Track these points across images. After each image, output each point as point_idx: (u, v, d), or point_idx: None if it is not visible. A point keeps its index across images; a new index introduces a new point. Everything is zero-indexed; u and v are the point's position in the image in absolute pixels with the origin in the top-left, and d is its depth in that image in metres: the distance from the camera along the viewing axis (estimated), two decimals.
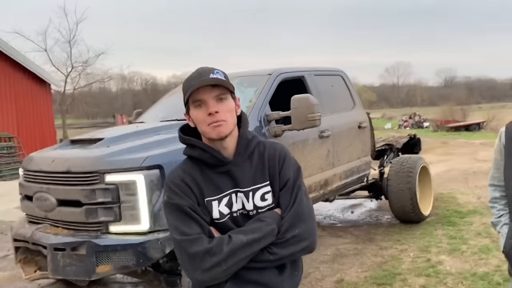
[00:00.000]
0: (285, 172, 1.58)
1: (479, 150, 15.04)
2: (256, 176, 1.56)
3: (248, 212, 1.56)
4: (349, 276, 4.16)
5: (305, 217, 1.54)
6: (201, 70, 1.54)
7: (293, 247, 1.51)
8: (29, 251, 3.30)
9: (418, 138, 7.00)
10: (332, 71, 5.37)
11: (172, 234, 1.52)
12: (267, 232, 1.49)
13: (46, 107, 15.29)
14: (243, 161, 1.57)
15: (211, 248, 1.45)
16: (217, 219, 1.54)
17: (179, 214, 1.50)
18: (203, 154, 1.54)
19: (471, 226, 5.48)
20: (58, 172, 3.16)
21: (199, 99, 1.51)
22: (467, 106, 35.45)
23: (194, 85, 1.48)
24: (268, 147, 1.62)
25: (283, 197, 1.56)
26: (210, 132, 1.51)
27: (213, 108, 1.49)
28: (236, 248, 1.45)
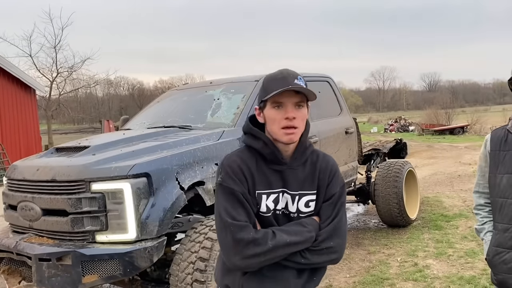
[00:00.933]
0: (332, 186, 1.65)
1: (464, 153, 15.26)
2: (306, 183, 1.63)
3: (290, 213, 1.63)
4: (337, 281, 4.17)
5: (341, 233, 1.62)
6: (286, 74, 1.59)
7: (324, 257, 1.59)
8: (13, 262, 3.24)
9: (404, 143, 7.07)
10: (319, 77, 5.39)
11: (219, 215, 1.55)
12: (307, 238, 1.56)
13: (31, 113, 15.08)
14: (297, 166, 1.63)
15: (257, 239, 1.50)
16: (263, 213, 1.59)
17: (231, 197, 1.55)
18: (264, 148, 1.61)
19: (457, 230, 5.55)
20: (43, 181, 3.11)
21: (280, 101, 1.56)
22: (451, 110, 35.96)
23: (278, 89, 1.53)
24: (321, 158, 1.69)
25: (326, 209, 1.63)
26: (282, 136, 1.57)
27: (292, 114, 1.56)
28: (278, 245, 1.52)
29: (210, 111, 4.21)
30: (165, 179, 3.03)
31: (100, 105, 66.19)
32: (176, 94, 4.98)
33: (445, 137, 25.54)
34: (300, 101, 1.57)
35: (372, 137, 23.99)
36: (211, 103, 4.30)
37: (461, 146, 18.27)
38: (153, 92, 64.89)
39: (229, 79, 4.66)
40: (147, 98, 56.00)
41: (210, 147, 3.44)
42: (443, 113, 34.33)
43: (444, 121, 32.64)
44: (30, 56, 24.45)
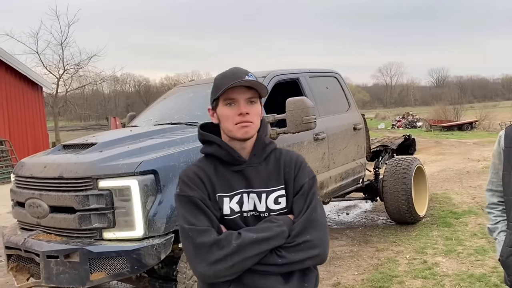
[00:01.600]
0: (300, 178, 1.58)
1: (472, 149, 15.12)
2: (271, 179, 1.57)
3: (260, 213, 1.54)
4: (345, 279, 4.14)
5: (318, 225, 1.51)
6: (235, 70, 1.57)
7: (302, 253, 1.46)
8: (22, 259, 3.24)
9: (413, 139, 7.01)
10: (327, 73, 5.35)
11: (180, 224, 1.50)
12: (278, 233, 1.46)
13: (38, 110, 15.16)
14: (258, 163, 1.58)
15: (220, 240, 1.42)
16: (227, 215, 1.52)
17: (189, 205, 1.50)
18: (219, 151, 1.57)
19: (466, 227, 5.49)
20: (50, 178, 3.10)
21: (232, 97, 1.53)
22: (460, 106, 35.70)
23: (231, 83, 1.50)
24: (284, 154, 1.63)
25: (297, 202, 1.55)
26: (236, 131, 1.53)
27: (245, 109, 1.53)
28: (245, 243, 1.42)
29: None
30: (172, 176, 3.02)
31: (107, 102, 66.46)
32: (182, 91, 4.96)
33: (453, 133, 25.35)
34: (252, 96, 1.54)
35: (380, 133, 23.90)
36: None
37: (470, 142, 18.11)
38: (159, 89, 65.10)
39: None
40: (153, 95, 56.18)
41: None
42: (451, 108, 34.09)
43: (452, 117, 32.41)
44: (37, 53, 24.54)
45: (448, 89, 73.43)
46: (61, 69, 25.61)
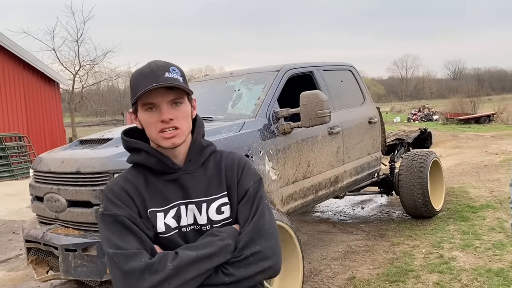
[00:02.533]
0: (244, 182, 1.40)
1: (490, 143, 14.88)
2: (211, 187, 1.38)
3: (201, 227, 1.35)
4: (360, 273, 4.12)
5: (267, 233, 1.33)
6: (154, 67, 1.33)
7: (252, 267, 1.28)
8: (41, 252, 3.31)
9: (429, 132, 6.92)
10: (341, 66, 5.31)
11: (104, 249, 1.29)
12: (221, 247, 1.27)
13: (55, 106, 15.38)
14: (195, 169, 1.39)
15: (152, 264, 1.22)
16: (163, 233, 1.32)
17: (114, 226, 1.28)
18: (148, 159, 1.36)
19: (484, 221, 5.41)
20: (67, 173, 3.16)
21: (151, 102, 1.31)
22: (477, 98, 35.04)
23: (146, 87, 1.28)
24: (225, 156, 1.45)
25: (242, 209, 1.37)
26: (162, 141, 1.33)
27: (167, 115, 1.31)
28: (182, 265, 1.23)
29: (230, 102, 4.20)
30: None
31: (122, 98, 67.00)
32: (196, 86, 4.97)
33: (471, 126, 24.94)
34: (175, 98, 1.32)
35: (395, 126, 23.67)
36: (232, 94, 4.28)
37: (487, 136, 17.81)
38: None
39: (249, 70, 4.63)
40: None
41: (231, 138, 3.43)
42: (468, 101, 33.49)
43: (469, 109, 31.85)
44: (54, 50, 24.89)
45: (465, 81, 72.29)
46: (77, 65, 25.95)
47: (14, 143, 13.37)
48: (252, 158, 3.50)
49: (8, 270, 4.90)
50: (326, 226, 5.85)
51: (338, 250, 4.82)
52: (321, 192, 4.37)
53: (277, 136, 3.80)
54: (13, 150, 13.21)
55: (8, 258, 5.31)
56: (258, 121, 3.75)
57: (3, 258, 5.33)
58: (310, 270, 4.27)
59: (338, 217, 6.34)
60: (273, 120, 3.84)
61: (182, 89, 1.34)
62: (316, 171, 4.24)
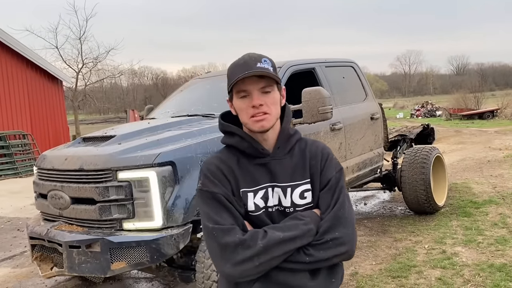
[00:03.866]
0: (327, 171, 1.50)
1: (493, 138, 14.83)
2: (296, 173, 1.49)
3: (285, 208, 1.48)
4: (363, 269, 4.14)
5: (347, 221, 1.45)
6: (247, 58, 1.46)
7: (331, 251, 1.40)
8: (45, 249, 3.34)
9: (431, 128, 6.91)
10: (343, 62, 5.31)
11: (203, 222, 1.44)
12: (305, 231, 1.40)
13: (59, 103, 15.42)
14: (283, 155, 1.50)
15: (245, 240, 1.36)
16: (252, 212, 1.46)
17: (212, 202, 1.43)
18: (241, 143, 1.49)
19: (486, 217, 5.41)
20: (71, 170, 3.18)
21: (244, 89, 1.44)
22: (480, 94, 34.86)
23: (239, 75, 1.41)
24: (310, 144, 1.56)
25: (324, 197, 1.48)
26: (252, 125, 1.45)
27: (258, 101, 1.43)
28: (271, 244, 1.36)
29: None
30: (189, 168, 3.05)
31: (125, 95, 67.16)
32: (199, 83, 4.98)
33: (474, 122, 24.86)
34: (265, 85, 1.44)
35: (398, 122, 23.60)
36: None
37: (491, 131, 17.75)
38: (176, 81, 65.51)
39: None
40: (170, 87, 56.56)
41: None
42: (472, 97, 33.33)
43: (473, 105, 31.72)
44: (57, 48, 24.92)
45: (468, 77, 71.95)
46: (80, 63, 25.99)
47: (18, 140, 13.43)
48: None
49: (13, 267, 4.94)
50: None
51: None
52: None
53: None
54: (17, 147, 13.27)
55: (13, 255, 5.35)
56: None
57: (8, 255, 5.38)
58: None
59: None
60: None
61: (271, 78, 1.44)
62: None
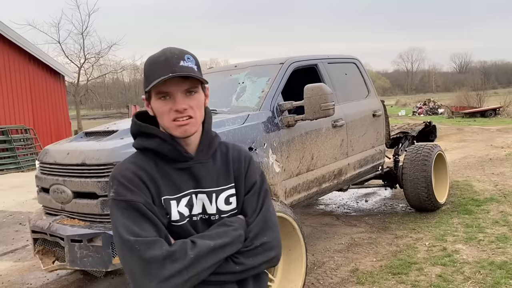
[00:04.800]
0: (251, 175, 1.44)
1: (496, 136, 14.80)
2: (220, 177, 1.40)
3: (210, 216, 1.37)
4: (364, 265, 4.14)
5: (273, 225, 1.40)
6: (168, 54, 1.30)
7: (260, 257, 1.33)
8: (47, 242, 3.35)
9: (433, 126, 6.90)
10: (346, 59, 5.30)
11: (119, 236, 1.25)
12: (235, 238, 1.31)
13: (61, 98, 15.43)
14: (206, 159, 1.40)
15: (174, 252, 1.22)
16: (176, 221, 1.32)
17: (131, 212, 1.26)
18: (162, 146, 1.34)
19: (488, 214, 5.41)
20: (73, 164, 3.19)
21: (165, 91, 1.30)
22: (483, 92, 34.79)
23: (161, 76, 1.27)
24: (231, 148, 1.47)
25: (249, 201, 1.41)
26: (174, 129, 1.32)
27: (182, 105, 1.30)
28: (202, 253, 1.24)
29: (235, 95, 4.21)
30: None
31: (127, 91, 67.17)
32: None
33: (476, 120, 24.80)
34: (190, 87, 1.31)
35: (400, 120, 23.57)
36: (236, 87, 4.29)
37: (493, 129, 17.71)
38: None
39: (253, 63, 4.63)
40: None
41: (235, 130, 3.44)
42: (474, 95, 33.25)
43: (475, 103, 31.64)
44: (59, 42, 24.98)
45: (471, 75, 71.73)
46: (82, 58, 26.04)
47: (20, 135, 13.45)
48: (256, 150, 3.52)
49: (15, 261, 4.96)
50: (329, 219, 5.87)
51: (341, 243, 4.84)
52: (324, 184, 4.38)
53: (281, 128, 3.81)
54: (19, 142, 13.29)
55: (15, 249, 5.37)
56: (262, 114, 3.77)
57: (10, 248, 5.40)
58: (313, 262, 4.30)
59: (341, 209, 6.36)
60: (277, 113, 3.85)
61: (197, 79, 1.32)
62: (320, 163, 4.26)
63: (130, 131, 1.44)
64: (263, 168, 3.55)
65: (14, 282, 4.33)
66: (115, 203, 1.29)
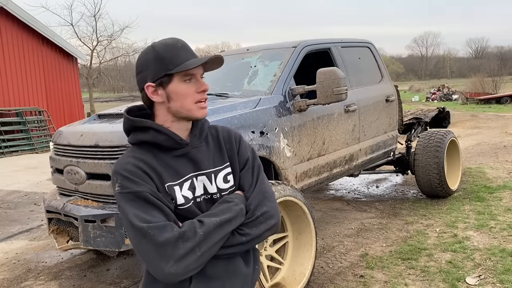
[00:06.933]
0: (243, 152, 1.53)
1: (511, 123, 14.58)
2: (216, 158, 1.49)
3: (212, 195, 1.46)
4: (373, 250, 4.16)
5: (270, 195, 1.49)
6: (182, 42, 1.43)
7: (263, 225, 1.43)
8: (61, 222, 3.42)
9: (447, 112, 6.82)
10: (359, 43, 5.23)
11: (131, 225, 1.30)
12: (237, 212, 1.40)
13: (74, 81, 15.54)
14: (200, 143, 1.48)
15: (184, 233, 1.29)
16: (182, 205, 1.39)
17: (138, 202, 1.32)
18: (157, 136, 1.40)
19: (500, 202, 5.37)
20: (86, 146, 3.22)
21: (192, 73, 1.41)
22: (499, 78, 34.17)
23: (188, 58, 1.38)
24: (220, 130, 1.56)
25: (245, 176, 1.51)
26: (196, 111, 1.42)
27: (206, 86, 1.43)
28: (210, 229, 1.32)
29: (246, 79, 4.19)
30: None
31: None
32: None
33: (491, 106, 24.42)
34: (203, 72, 1.45)
35: (414, 106, 23.30)
36: (248, 71, 4.27)
37: (508, 116, 17.44)
38: None
39: (265, 46, 4.59)
40: None
41: (247, 114, 3.44)
42: (490, 81, 32.69)
43: (491, 89, 31.13)
44: (72, 25, 25.01)
45: (487, 60, 70.37)
46: (94, 40, 26.08)
47: (34, 117, 13.62)
48: (267, 135, 3.52)
49: (31, 240, 5.07)
50: (340, 204, 5.88)
51: (351, 228, 4.85)
52: (335, 170, 4.38)
53: (293, 113, 3.80)
54: (33, 124, 13.47)
55: (30, 228, 5.49)
56: (274, 98, 3.75)
57: (26, 228, 5.52)
58: (323, 246, 4.32)
59: (352, 195, 6.36)
60: (289, 97, 3.84)
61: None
62: (331, 148, 4.25)
63: (123, 128, 1.48)
64: (274, 152, 3.55)
65: (29, 260, 4.44)
66: (122, 196, 1.34)
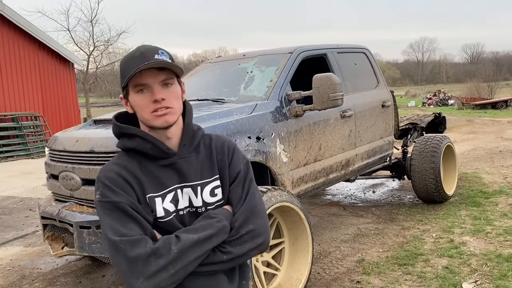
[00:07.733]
0: (235, 165, 1.45)
1: (506, 128, 14.65)
2: (204, 170, 1.42)
3: (197, 209, 1.40)
4: (370, 256, 4.15)
5: (259, 212, 1.41)
6: (143, 50, 1.35)
7: (248, 244, 1.35)
8: (56, 228, 3.39)
9: (443, 117, 6.84)
10: (355, 48, 5.25)
11: (106, 237, 1.28)
12: (219, 229, 1.33)
13: (70, 86, 15.51)
14: (189, 153, 1.41)
15: (157, 249, 1.25)
16: (162, 218, 1.35)
17: (115, 213, 1.29)
18: (143, 144, 1.36)
19: (496, 207, 5.38)
20: (82, 152, 3.21)
21: (143, 83, 1.32)
22: (494, 83, 34.41)
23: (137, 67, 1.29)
24: (214, 139, 1.49)
25: (234, 190, 1.43)
26: (154, 120, 1.34)
27: (159, 95, 1.32)
28: (186, 247, 1.26)
29: (243, 84, 4.19)
30: None
31: None
32: (209, 67, 4.97)
33: (487, 112, 24.56)
34: (166, 78, 1.34)
35: (410, 111, 23.39)
36: (244, 76, 4.27)
37: (504, 121, 17.52)
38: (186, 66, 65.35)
39: (262, 52, 4.60)
40: None
41: (243, 120, 3.44)
42: (486, 86, 32.91)
43: (486, 94, 31.31)
44: (68, 30, 25.01)
45: (482, 66, 70.85)
46: (91, 46, 26.06)
47: (30, 122, 13.57)
48: (264, 140, 3.51)
49: (25, 246, 5.04)
50: (336, 209, 5.87)
51: (348, 233, 4.85)
52: (332, 175, 4.38)
53: (289, 118, 3.80)
54: (29, 129, 13.42)
55: (25, 234, 5.45)
56: (270, 104, 3.76)
57: (20, 234, 5.48)
58: (319, 252, 4.31)
59: (348, 200, 6.36)
60: (285, 103, 3.84)
61: (172, 71, 1.35)
62: (328, 154, 4.25)
63: (113, 132, 1.46)
64: (270, 158, 3.55)
65: (24, 266, 4.41)
66: (101, 205, 1.32)
